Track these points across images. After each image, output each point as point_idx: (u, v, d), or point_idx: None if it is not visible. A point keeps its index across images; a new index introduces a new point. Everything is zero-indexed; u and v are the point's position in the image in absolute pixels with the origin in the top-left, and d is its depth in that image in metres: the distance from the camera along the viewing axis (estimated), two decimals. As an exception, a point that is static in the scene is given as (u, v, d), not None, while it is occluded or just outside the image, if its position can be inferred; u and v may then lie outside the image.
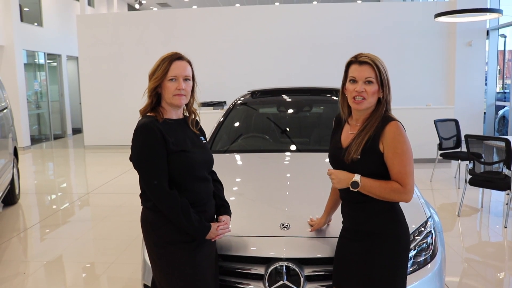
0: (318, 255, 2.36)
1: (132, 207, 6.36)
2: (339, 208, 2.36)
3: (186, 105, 2.32)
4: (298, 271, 2.29)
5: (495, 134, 11.46)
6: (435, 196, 6.72)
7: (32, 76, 14.00)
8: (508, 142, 5.22)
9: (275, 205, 2.78)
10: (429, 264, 2.49)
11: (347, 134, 2.22)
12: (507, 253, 4.69)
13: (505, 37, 11.88)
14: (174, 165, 2.16)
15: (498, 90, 12.18)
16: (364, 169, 2.08)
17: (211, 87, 10.91)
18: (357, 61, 2.13)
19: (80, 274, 4.33)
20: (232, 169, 3.63)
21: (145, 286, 2.62)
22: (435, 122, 7.49)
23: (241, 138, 4.38)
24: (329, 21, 11.29)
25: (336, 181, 2.13)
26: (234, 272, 2.40)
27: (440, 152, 7.43)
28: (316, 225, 2.47)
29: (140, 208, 2.30)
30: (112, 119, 11.94)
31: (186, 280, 2.18)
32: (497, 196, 6.55)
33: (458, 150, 7.51)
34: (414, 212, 2.64)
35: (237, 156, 3.96)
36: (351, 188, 2.08)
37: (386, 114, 2.14)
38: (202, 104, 10.12)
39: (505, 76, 13.01)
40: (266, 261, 2.35)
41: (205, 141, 2.40)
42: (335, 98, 4.62)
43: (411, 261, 2.41)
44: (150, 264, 2.31)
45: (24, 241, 5.29)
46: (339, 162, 2.17)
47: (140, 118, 2.25)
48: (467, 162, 5.80)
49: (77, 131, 15.26)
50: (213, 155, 2.45)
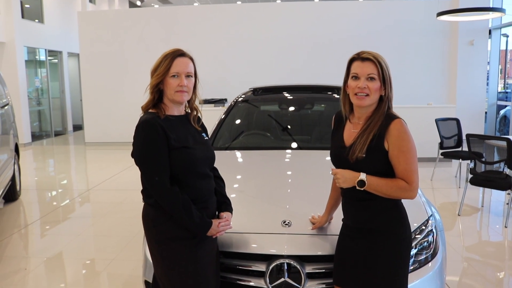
0: (319, 253, 2.36)
1: (133, 203, 6.36)
2: (340, 206, 2.36)
3: (188, 101, 2.32)
4: (299, 269, 2.29)
5: (496, 133, 11.45)
6: (435, 195, 6.72)
7: (33, 72, 14.00)
8: (509, 142, 5.21)
9: (277, 203, 2.78)
10: (430, 263, 2.49)
11: (350, 133, 2.21)
12: (507, 253, 4.69)
13: (507, 36, 11.87)
14: (176, 162, 2.16)
15: (499, 90, 12.18)
16: (369, 168, 2.07)
17: (212, 84, 10.91)
18: (359, 58, 2.13)
19: (81, 270, 4.33)
20: (233, 166, 3.63)
21: (146, 282, 2.63)
22: (436, 121, 7.49)
23: (243, 135, 4.38)
24: (330, 19, 11.28)
25: (342, 181, 2.11)
26: (235, 269, 2.40)
27: (441, 151, 7.43)
28: (318, 223, 2.47)
29: (141, 204, 2.30)
30: (113, 116, 11.94)
31: (187, 276, 2.18)
32: (497, 196, 6.55)
33: (459, 149, 7.51)
34: (416, 211, 2.64)
35: (239, 153, 3.96)
36: (357, 187, 2.07)
37: (389, 112, 2.14)
38: (204, 101, 10.12)
39: (506, 76, 13.01)
40: (268, 258, 2.35)
41: (206, 137, 2.40)
42: (336, 96, 4.61)
43: (412, 259, 2.41)
44: (151, 260, 2.31)
45: (25, 237, 5.29)
46: (342, 161, 2.16)
47: (142, 114, 2.24)
48: (468, 161, 5.80)
49: (78, 127, 15.26)
50: (214, 151, 2.45)
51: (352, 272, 2.16)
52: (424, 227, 2.57)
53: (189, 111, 2.36)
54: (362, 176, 2.05)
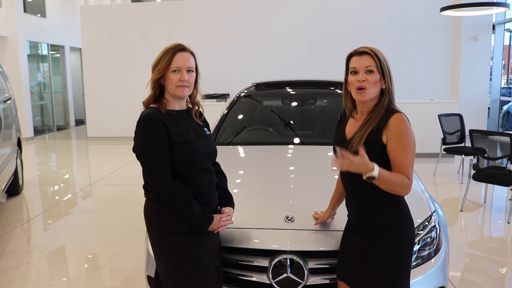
0: (322, 248, 2.35)
1: (135, 198, 6.36)
2: (344, 202, 2.36)
3: (190, 96, 2.31)
4: (302, 264, 2.29)
5: (499, 129, 11.42)
6: (438, 191, 6.71)
7: (35, 67, 13.99)
8: (512, 138, 5.20)
9: (280, 198, 2.77)
10: (433, 259, 2.49)
11: (352, 126, 2.21)
12: (510, 249, 4.69)
13: (511, 31, 11.80)
14: (177, 156, 2.15)
15: (502, 85, 12.13)
16: None
17: (214, 79, 10.89)
18: (356, 52, 2.14)
19: (83, 264, 4.34)
20: (236, 162, 3.63)
21: (149, 277, 2.63)
22: (439, 116, 7.47)
23: (245, 130, 4.37)
24: (332, 13, 11.22)
25: (354, 166, 1.91)
26: (238, 264, 2.40)
27: (443, 146, 7.41)
28: (321, 218, 2.46)
29: (143, 199, 2.30)
30: (115, 111, 11.94)
31: (189, 271, 2.18)
32: (500, 192, 6.53)
33: (462, 145, 7.49)
34: (419, 207, 2.64)
35: (241, 149, 3.95)
36: (364, 178, 1.94)
37: (390, 106, 2.13)
38: (206, 96, 10.11)
39: (510, 71, 12.95)
40: (270, 253, 2.34)
41: (208, 132, 2.39)
42: (339, 91, 4.60)
43: (415, 255, 2.40)
44: (153, 255, 2.31)
45: (28, 231, 5.31)
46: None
47: (143, 109, 2.24)
48: (471, 157, 5.78)
49: (80, 122, 15.28)
50: (217, 147, 2.44)
51: (354, 268, 2.16)
52: (427, 223, 2.56)
53: (191, 106, 2.36)
54: (375, 172, 1.92)
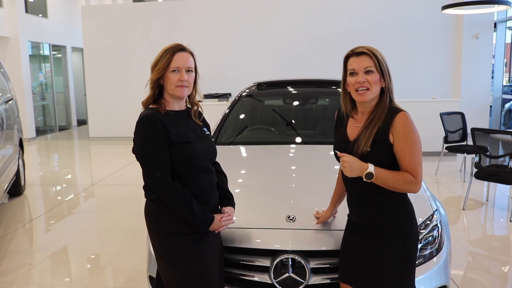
0: (324, 248, 2.35)
1: (137, 198, 6.36)
2: (345, 200, 2.35)
3: (189, 97, 2.31)
4: (304, 264, 2.29)
5: (501, 127, 11.40)
6: (440, 190, 6.70)
7: (37, 67, 14.01)
8: (514, 136, 5.19)
9: (281, 198, 2.77)
10: (435, 258, 2.48)
11: (353, 127, 2.19)
12: (513, 247, 4.68)
13: (512, 29, 11.78)
14: (177, 157, 2.15)
15: (504, 83, 12.10)
16: (373, 161, 2.04)
17: (216, 79, 10.89)
18: (354, 53, 2.13)
19: (85, 265, 4.34)
20: (237, 161, 3.62)
21: (151, 277, 2.63)
22: (441, 115, 7.46)
23: (247, 130, 4.36)
24: (333, 12, 11.20)
25: (349, 170, 2.04)
26: (239, 264, 2.39)
27: (445, 145, 7.40)
28: (322, 217, 2.46)
29: (145, 199, 2.30)
30: (117, 111, 11.95)
31: (190, 271, 2.18)
32: (502, 190, 6.52)
33: (464, 143, 7.48)
34: (421, 205, 2.63)
35: (243, 148, 3.95)
36: (364, 179, 2.02)
37: (392, 104, 2.13)
38: (207, 96, 10.11)
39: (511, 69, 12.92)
40: (272, 253, 2.34)
41: (208, 132, 2.39)
42: (340, 90, 4.59)
43: (417, 254, 2.40)
44: (154, 255, 2.31)
45: (30, 232, 5.31)
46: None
47: (143, 110, 2.24)
48: (473, 155, 5.77)
49: (82, 122, 15.30)
50: (218, 147, 2.44)
51: (356, 269, 2.15)
52: (429, 222, 2.56)
53: (190, 106, 2.35)
54: (371, 168, 2.01)
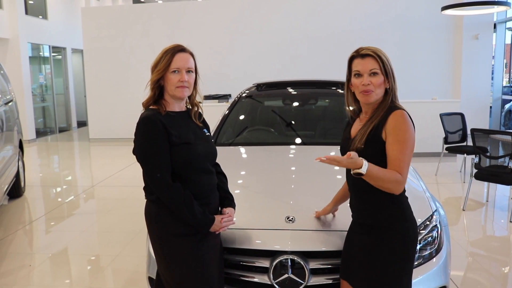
0: (323, 249, 2.35)
1: (137, 200, 6.36)
2: (346, 202, 2.36)
3: (189, 97, 2.31)
4: (303, 264, 2.29)
5: (501, 128, 11.40)
6: (440, 190, 6.70)
7: (37, 69, 14.01)
8: (514, 136, 5.19)
9: (280, 198, 2.77)
10: (434, 258, 2.48)
11: (357, 126, 2.22)
12: (513, 248, 4.68)
13: (512, 30, 11.79)
14: (177, 158, 2.15)
15: (504, 84, 12.10)
16: (367, 159, 2.02)
17: (216, 80, 10.90)
18: (359, 55, 2.13)
19: (85, 266, 4.34)
20: (237, 162, 3.63)
21: (150, 279, 2.63)
22: (441, 115, 7.45)
23: (246, 131, 4.37)
24: (333, 12, 11.20)
25: (342, 165, 1.95)
26: (239, 265, 2.39)
27: (445, 146, 7.40)
28: (322, 211, 2.48)
29: (145, 200, 2.30)
30: (117, 112, 11.95)
31: (190, 272, 2.18)
32: (502, 190, 6.52)
33: (464, 144, 7.47)
34: (420, 206, 2.63)
35: (242, 149, 3.95)
36: (352, 173, 1.96)
37: (393, 104, 2.13)
38: (207, 97, 10.11)
39: (511, 70, 12.92)
40: (271, 254, 2.34)
41: (208, 133, 2.39)
42: (340, 91, 4.60)
43: (416, 255, 2.40)
44: (154, 256, 2.31)
45: (30, 233, 5.31)
46: (346, 152, 2.17)
47: (143, 111, 2.24)
48: (473, 156, 5.77)
49: (82, 124, 15.29)
50: (218, 148, 2.44)
51: (356, 267, 2.16)
52: (428, 223, 2.56)
53: (190, 107, 2.36)
54: (363, 169, 1.91)
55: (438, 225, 2.61)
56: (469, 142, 6.57)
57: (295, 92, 4.80)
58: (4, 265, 4.34)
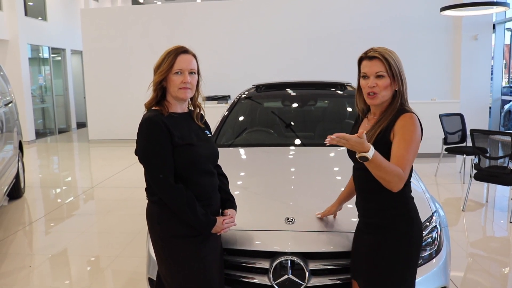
0: (323, 249, 2.36)
1: (137, 201, 6.37)
2: (349, 201, 2.36)
3: (191, 99, 2.32)
4: (303, 265, 2.29)
5: (501, 128, 11.40)
6: (439, 191, 6.70)
7: (36, 70, 14.02)
8: (514, 137, 5.19)
9: (280, 199, 2.78)
10: (434, 259, 2.49)
11: (364, 127, 2.23)
12: (512, 248, 4.68)
13: (511, 31, 11.79)
14: (180, 159, 2.15)
15: (504, 85, 12.11)
16: None
17: (215, 81, 10.89)
18: (366, 56, 2.13)
19: (85, 267, 4.34)
20: (237, 163, 3.62)
21: (150, 280, 2.63)
22: (440, 116, 7.46)
23: (246, 132, 4.37)
24: (332, 13, 11.20)
25: (349, 144, 1.89)
26: (239, 266, 2.40)
27: (445, 146, 7.40)
28: (327, 212, 2.49)
29: (144, 202, 2.30)
30: (117, 113, 11.95)
31: (191, 274, 2.18)
32: (502, 191, 6.52)
33: (463, 144, 7.48)
34: (420, 207, 2.59)
35: (242, 150, 3.95)
36: (357, 157, 1.90)
37: (402, 107, 2.13)
38: (207, 98, 10.10)
39: (511, 70, 12.93)
40: (271, 255, 2.34)
41: (210, 134, 2.40)
42: (339, 92, 4.61)
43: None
44: (155, 258, 2.32)
45: (30, 234, 5.31)
46: (354, 154, 2.17)
47: (145, 112, 2.24)
48: (472, 156, 5.77)
49: (81, 125, 15.29)
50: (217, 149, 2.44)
51: (362, 266, 2.18)
52: (428, 223, 2.56)
53: (192, 109, 2.36)
54: (370, 153, 1.87)
55: (438, 226, 2.61)
56: (469, 143, 6.57)
57: (295, 93, 4.80)
58: (4, 266, 4.34)
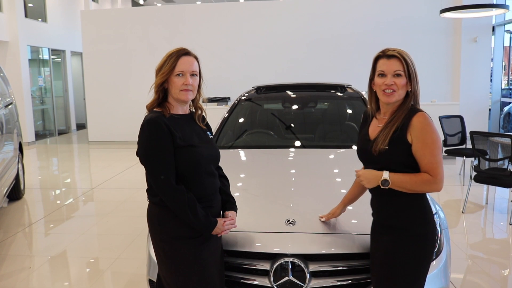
0: (324, 251, 2.36)
1: (136, 202, 6.37)
2: (353, 202, 2.37)
3: (193, 100, 2.32)
4: (304, 267, 2.29)
5: (500, 130, 11.41)
6: (439, 193, 6.70)
7: (36, 71, 14.01)
8: (513, 139, 5.19)
9: (281, 201, 2.78)
10: (434, 261, 2.48)
11: (375, 127, 2.24)
12: (512, 250, 4.68)
13: (511, 33, 11.81)
14: (181, 160, 2.16)
15: (503, 87, 12.13)
16: (392, 160, 2.09)
17: (215, 83, 10.90)
18: (385, 55, 2.16)
19: (85, 269, 4.34)
20: (237, 165, 3.62)
21: (151, 281, 2.63)
22: (440, 118, 7.46)
23: (246, 134, 4.37)
24: (332, 16, 11.23)
25: (366, 182, 2.15)
26: (239, 267, 2.40)
27: (444, 148, 7.39)
28: (331, 214, 2.50)
29: (144, 203, 2.30)
30: (116, 115, 11.95)
31: (192, 275, 2.18)
32: (502, 193, 6.52)
33: (463, 146, 7.48)
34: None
35: (242, 152, 3.95)
36: (381, 187, 2.08)
37: (413, 106, 2.17)
38: (207, 100, 10.10)
39: (510, 73, 12.94)
40: (272, 257, 2.35)
41: (211, 136, 2.40)
42: (339, 94, 4.62)
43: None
44: (155, 259, 2.32)
45: (29, 236, 5.31)
46: (367, 154, 2.20)
47: (147, 113, 2.25)
48: (472, 158, 5.78)
49: (81, 126, 15.30)
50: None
51: (377, 267, 2.19)
52: (428, 225, 2.56)
53: (194, 110, 2.37)
54: (385, 175, 2.07)
55: (438, 228, 2.61)
56: (468, 145, 6.58)
57: (295, 95, 4.81)
58: (4, 268, 4.34)
